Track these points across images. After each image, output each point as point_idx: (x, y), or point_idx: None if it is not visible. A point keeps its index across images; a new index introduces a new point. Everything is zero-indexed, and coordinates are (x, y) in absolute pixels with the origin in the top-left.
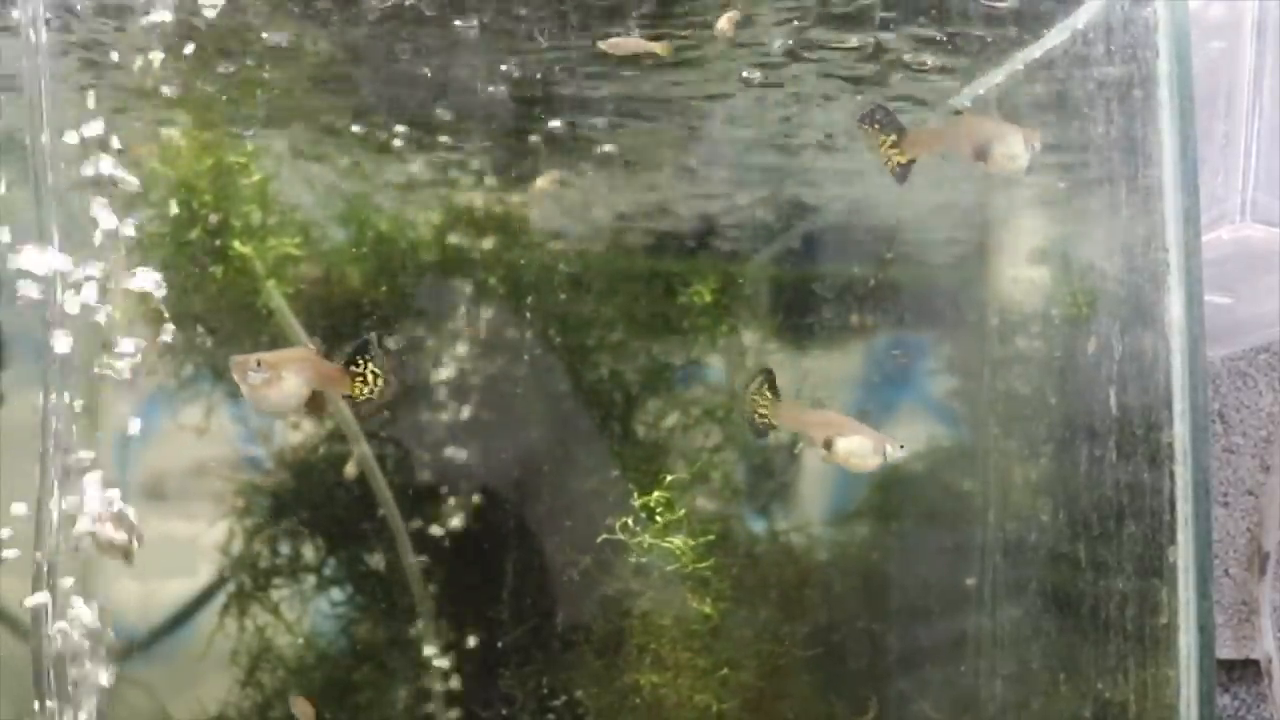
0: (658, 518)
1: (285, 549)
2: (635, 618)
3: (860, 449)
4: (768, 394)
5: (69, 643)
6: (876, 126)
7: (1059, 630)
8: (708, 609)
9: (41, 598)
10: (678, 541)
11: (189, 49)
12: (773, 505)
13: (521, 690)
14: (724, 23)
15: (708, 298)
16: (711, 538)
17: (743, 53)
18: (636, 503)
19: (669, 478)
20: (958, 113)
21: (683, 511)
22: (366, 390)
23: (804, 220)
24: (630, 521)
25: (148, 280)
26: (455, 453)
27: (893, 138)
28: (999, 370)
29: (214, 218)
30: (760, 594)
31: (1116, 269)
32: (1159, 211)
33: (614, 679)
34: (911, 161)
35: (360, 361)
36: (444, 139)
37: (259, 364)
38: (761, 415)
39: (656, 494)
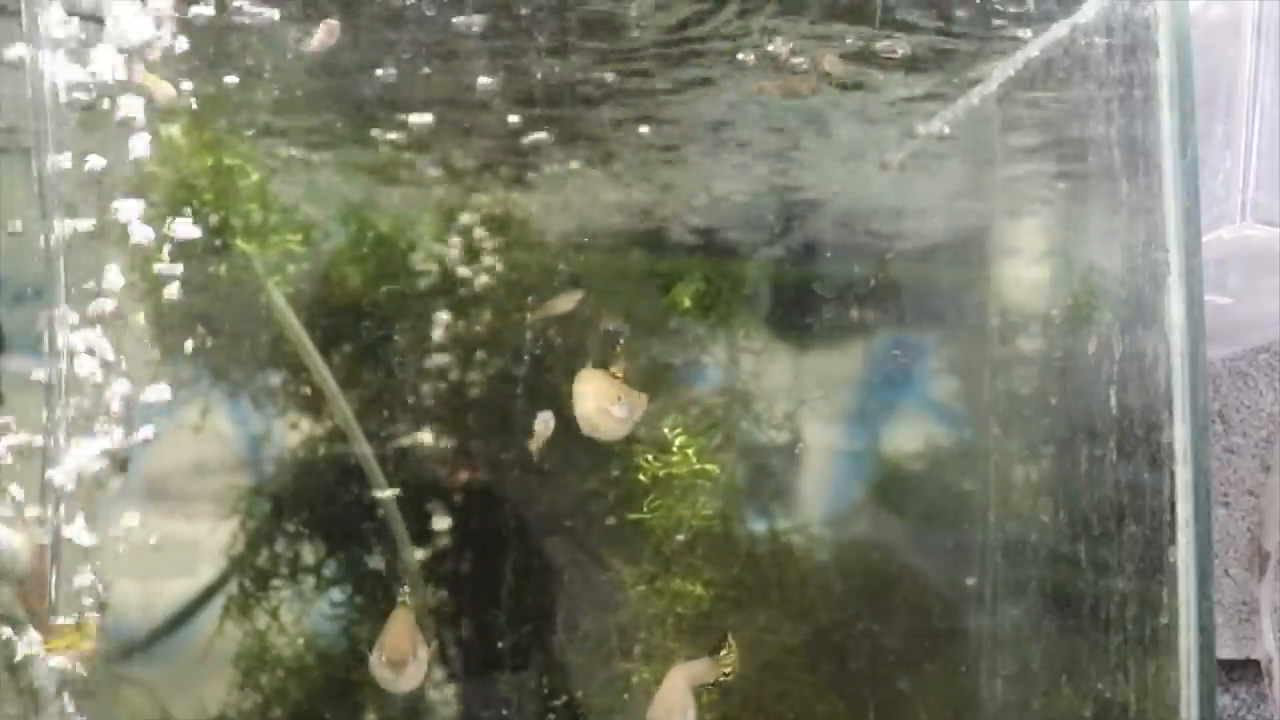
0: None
1: (285, 550)
2: (636, 619)
3: None
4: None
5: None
6: None
7: (1059, 630)
8: (699, 589)
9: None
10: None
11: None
12: (772, 505)
13: (519, 693)
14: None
15: (687, 301)
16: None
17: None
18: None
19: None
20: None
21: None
22: None
23: (804, 220)
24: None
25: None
26: (455, 452)
27: None
28: (999, 370)
29: (214, 217)
30: (759, 594)
31: (1116, 269)
32: (1159, 211)
33: (615, 677)
34: None
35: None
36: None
37: None
38: None
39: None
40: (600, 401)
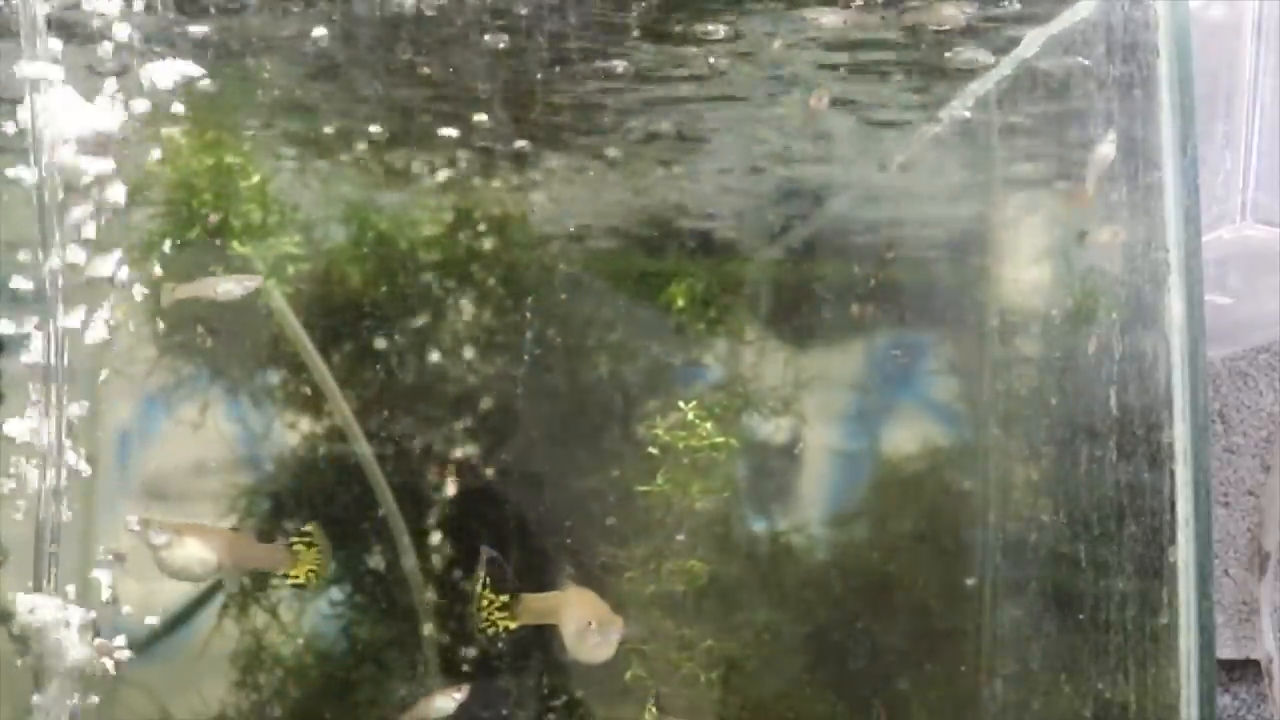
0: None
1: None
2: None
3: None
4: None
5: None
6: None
7: (1059, 630)
8: (699, 566)
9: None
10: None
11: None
12: (772, 505)
13: (520, 691)
14: (814, 101)
15: (681, 300)
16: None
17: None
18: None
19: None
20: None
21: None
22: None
23: (805, 220)
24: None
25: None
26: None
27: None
28: (999, 370)
29: (214, 217)
30: (759, 595)
31: (1117, 269)
32: (1159, 211)
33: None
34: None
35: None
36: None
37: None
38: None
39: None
40: None
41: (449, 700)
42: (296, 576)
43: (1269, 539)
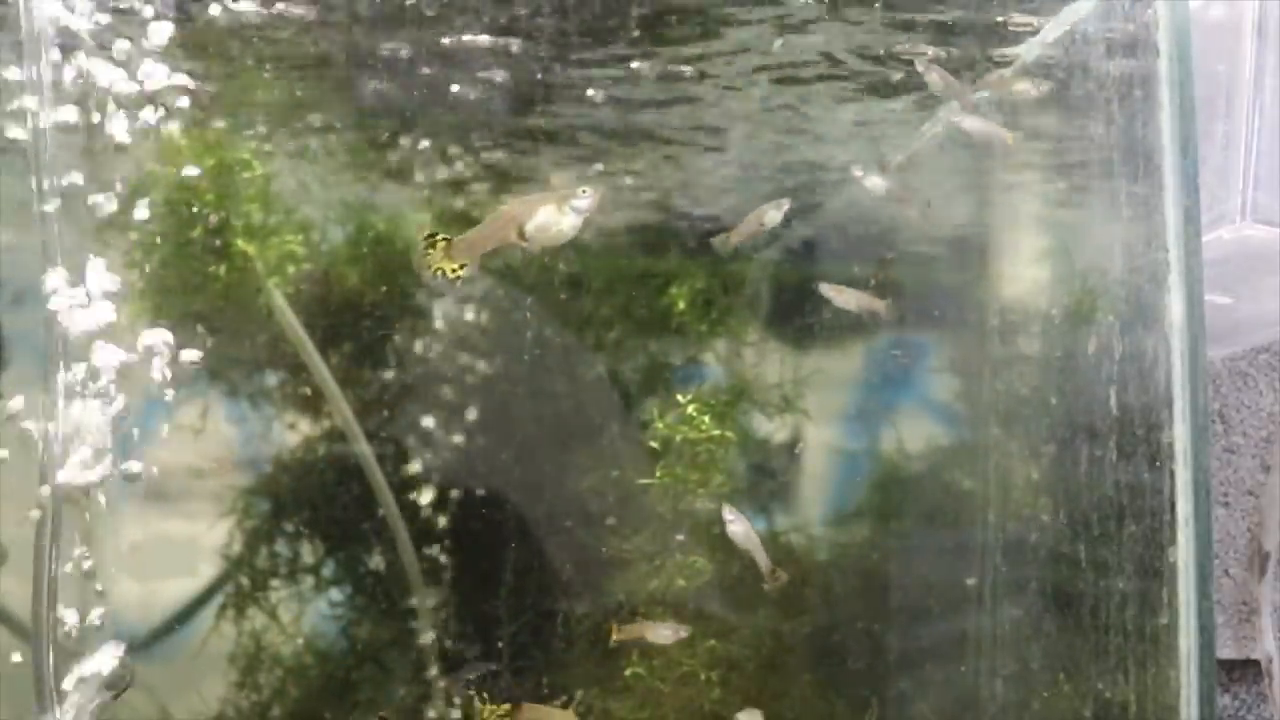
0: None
1: (285, 549)
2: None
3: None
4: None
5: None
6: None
7: (1059, 630)
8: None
9: None
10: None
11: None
12: (772, 505)
13: (520, 690)
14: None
15: (682, 303)
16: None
17: (747, 54)
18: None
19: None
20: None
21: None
22: None
23: (804, 219)
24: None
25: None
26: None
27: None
28: (999, 370)
29: (214, 217)
30: (758, 595)
31: (1117, 269)
32: (1159, 211)
33: (612, 682)
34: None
35: None
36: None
37: None
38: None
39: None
40: None
41: (673, 633)
42: None
43: (1269, 539)
